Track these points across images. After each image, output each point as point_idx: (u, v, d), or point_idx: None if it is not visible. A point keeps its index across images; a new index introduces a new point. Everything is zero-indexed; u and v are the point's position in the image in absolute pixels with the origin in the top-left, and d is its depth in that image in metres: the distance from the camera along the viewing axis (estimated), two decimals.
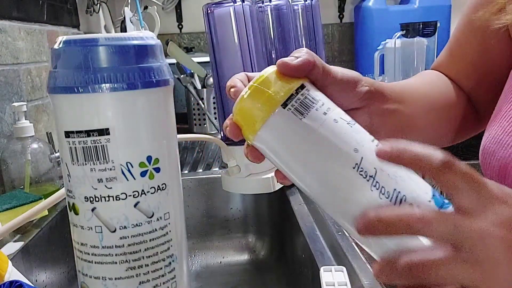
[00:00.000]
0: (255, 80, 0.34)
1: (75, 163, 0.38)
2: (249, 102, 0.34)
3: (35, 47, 1.09)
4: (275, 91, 0.33)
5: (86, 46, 0.36)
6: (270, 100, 0.33)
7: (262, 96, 0.33)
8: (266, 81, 0.34)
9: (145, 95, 0.38)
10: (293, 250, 0.83)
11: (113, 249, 0.38)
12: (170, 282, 0.41)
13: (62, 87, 0.37)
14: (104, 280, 0.39)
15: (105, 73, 0.36)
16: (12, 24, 0.99)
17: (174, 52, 1.29)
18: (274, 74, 0.34)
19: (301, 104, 0.33)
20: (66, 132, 0.38)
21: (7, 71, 0.94)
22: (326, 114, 0.33)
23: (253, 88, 0.34)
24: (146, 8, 1.69)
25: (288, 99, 0.33)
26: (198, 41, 2.02)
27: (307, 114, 0.33)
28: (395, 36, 1.65)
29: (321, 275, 0.51)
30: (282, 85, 0.34)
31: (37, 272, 0.70)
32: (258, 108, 0.33)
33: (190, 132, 1.45)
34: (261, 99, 0.33)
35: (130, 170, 0.38)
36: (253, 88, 0.34)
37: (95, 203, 0.38)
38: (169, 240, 0.40)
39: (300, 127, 0.32)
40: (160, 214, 0.40)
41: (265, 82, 0.34)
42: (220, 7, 0.77)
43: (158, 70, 0.39)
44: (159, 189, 0.39)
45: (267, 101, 0.33)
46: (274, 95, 0.33)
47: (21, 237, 0.69)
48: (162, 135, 0.40)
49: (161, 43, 0.41)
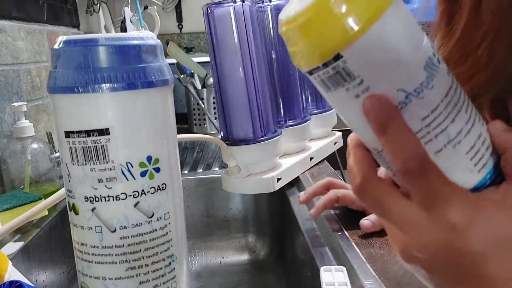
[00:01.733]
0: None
1: (75, 163, 0.38)
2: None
3: (35, 47, 1.09)
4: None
5: (86, 46, 0.36)
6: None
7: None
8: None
9: (145, 95, 0.38)
10: (293, 250, 0.83)
11: (113, 249, 0.38)
12: (170, 282, 0.41)
13: (62, 87, 0.37)
14: (104, 280, 0.39)
15: (105, 73, 0.36)
16: (12, 24, 0.99)
17: (174, 52, 1.29)
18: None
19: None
20: (66, 132, 0.38)
21: (7, 71, 0.94)
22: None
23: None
24: (146, 8, 1.69)
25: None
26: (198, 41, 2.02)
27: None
28: None
29: (321, 275, 0.51)
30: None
31: (37, 272, 0.70)
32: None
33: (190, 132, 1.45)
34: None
35: (130, 170, 0.38)
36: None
37: (95, 203, 0.38)
38: (169, 240, 0.40)
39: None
40: (160, 214, 0.40)
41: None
42: (220, 7, 0.77)
43: (158, 70, 0.39)
44: (159, 189, 0.39)
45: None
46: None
47: (21, 237, 0.69)
48: (162, 135, 0.40)
49: (161, 43, 0.41)
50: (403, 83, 0.26)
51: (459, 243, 0.27)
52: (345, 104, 0.28)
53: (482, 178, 0.29)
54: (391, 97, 0.26)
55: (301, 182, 0.87)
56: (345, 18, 0.24)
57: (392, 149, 0.27)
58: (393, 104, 0.26)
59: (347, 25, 0.24)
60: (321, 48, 0.26)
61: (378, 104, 0.26)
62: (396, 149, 0.27)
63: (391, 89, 0.26)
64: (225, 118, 0.80)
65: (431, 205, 0.27)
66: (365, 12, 0.24)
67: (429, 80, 0.26)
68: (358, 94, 0.26)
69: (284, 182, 0.84)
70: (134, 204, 0.38)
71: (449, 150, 0.28)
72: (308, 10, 0.26)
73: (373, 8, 0.24)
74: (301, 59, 0.27)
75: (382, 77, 0.26)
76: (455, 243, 0.27)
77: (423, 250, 0.28)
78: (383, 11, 0.25)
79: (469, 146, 0.28)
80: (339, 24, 0.25)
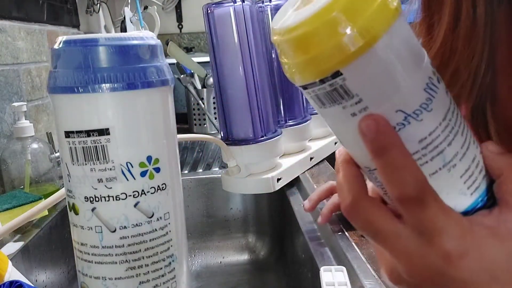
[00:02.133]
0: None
1: (75, 163, 0.38)
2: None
3: (35, 47, 1.09)
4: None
5: (86, 46, 0.36)
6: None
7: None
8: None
9: (145, 95, 0.38)
10: (293, 250, 0.83)
11: (113, 249, 0.38)
12: (170, 282, 0.41)
13: (62, 87, 0.37)
14: (104, 280, 0.39)
15: (105, 73, 0.36)
16: (12, 24, 0.99)
17: (174, 52, 1.29)
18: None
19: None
20: (66, 132, 0.38)
21: (7, 71, 0.94)
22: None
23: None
24: (146, 8, 1.69)
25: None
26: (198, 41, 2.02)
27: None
28: None
29: (321, 275, 0.51)
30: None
31: (37, 272, 0.70)
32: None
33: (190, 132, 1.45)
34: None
35: (130, 170, 0.38)
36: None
37: (95, 203, 0.38)
38: (169, 240, 0.40)
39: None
40: (160, 214, 0.40)
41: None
42: (220, 7, 0.77)
43: (158, 70, 0.39)
44: (159, 189, 0.39)
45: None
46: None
47: (21, 237, 0.69)
48: (162, 135, 0.40)
49: (161, 43, 0.41)
50: (402, 104, 0.25)
51: (452, 272, 0.26)
52: (339, 121, 0.27)
53: (474, 201, 0.28)
54: (389, 118, 0.25)
55: (301, 182, 0.87)
56: (346, 35, 0.23)
57: (389, 174, 0.26)
58: (392, 127, 0.25)
59: (349, 43, 0.23)
60: (319, 65, 0.24)
61: (375, 126, 0.25)
62: (394, 175, 0.26)
63: (389, 110, 0.25)
64: (225, 118, 0.80)
65: (426, 232, 0.27)
66: (368, 29, 0.23)
67: (428, 102, 0.25)
68: (354, 113, 0.25)
69: (284, 182, 0.84)
70: (134, 204, 0.38)
71: (444, 173, 0.27)
72: (306, 23, 0.24)
73: (377, 25, 0.23)
74: (296, 73, 0.25)
75: (382, 97, 0.25)
76: (448, 271, 0.26)
77: (414, 275, 0.28)
78: (386, 28, 0.23)
79: (464, 170, 0.27)
80: (340, 41, 0.23)
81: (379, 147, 0.25)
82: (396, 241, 0.27)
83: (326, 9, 0.23)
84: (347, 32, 0.23)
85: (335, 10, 0.23)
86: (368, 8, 0.23)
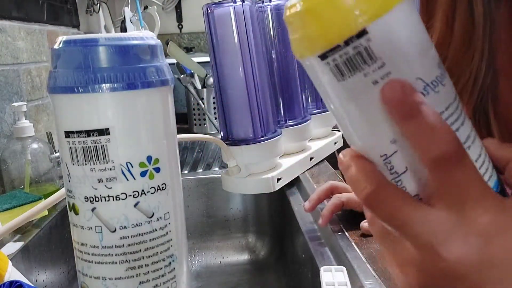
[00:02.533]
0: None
1: (75, 163, 0.38)
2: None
3: (35, 47, 1.09)
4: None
5: (86, 46, 0.36)
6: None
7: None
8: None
9: (145, 95, 0.38)
10: (293, 250, 0.83)
11: (113, 249, 0.38)
12: (170, 282, 0.41)
13: (62, 87, 0.37)
14: (104, 280, 0.39)
15: (105, 73, 0.36)
16: (12, 24, 0.99)
17: (174, 52, 1.29)
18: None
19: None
20: (66, 132, 0.38)
21: (7, 71, 0.94)
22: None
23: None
24: (146, 8, 1.69)
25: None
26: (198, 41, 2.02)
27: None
28: None
29: (321, 275, 0.51)
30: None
31: (37, 272, 0.69)
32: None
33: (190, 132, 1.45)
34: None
35: (130, 170, 0.38)
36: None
37: (95, 203, 0.38)
38: (169, 240, 0.40)
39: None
40: (160, 214, 0.40)
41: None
42: (220, 7, 0.77)
43: (158, 70, 0.39)
44: (159, 189, 0.39)
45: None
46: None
47: (21, 237, 0.69)
48: (162, 135, 0.40)
49: (161, 43, 0.41)
50: (422, 72, 0.25)
51: (490, 252, 0.24)
52: (358, 94, 0.25)
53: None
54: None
55: (301, 182, 0.87)
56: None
57: (423, 136, 0.24)
58: (416, 89, 0.24)
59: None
60: (345, 22, 0.23)
61: (402, 88, 0.24)
62: (428, 135, 0.24)
63: (411, 77, 0.24)
64: (225, 118, 0.80)
65: (463, 206, 0.25)
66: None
67: (442, 77, 0.25)
68: (376, 80, 0.24)
69: (284, 182, 0.84)
70: (134, 204, 0.38)
71: None
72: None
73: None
74: (316, 39, 0.24)
75: (404, 61, 0.24)
76: (487, 251, 0.24)
77: (459, 265, 0.24)
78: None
79: (477, 154, 0.27)
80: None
81: (409, 107, 0.24)
82: (429, 226, 0.25)
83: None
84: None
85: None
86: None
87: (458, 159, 0.24)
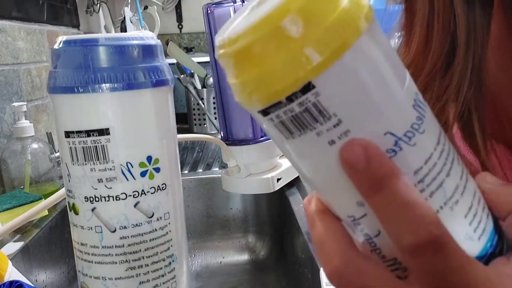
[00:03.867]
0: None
1: (75, 163, 0.38)
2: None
3: (35, 47, 1.09)
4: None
5: (86, 46, 0.36)
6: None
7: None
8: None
9: (145, 95, 0.38)
10: (293, 250, 0.83)
11: (113, 249, 0.38)
12: (170, 282, 0.41)
13: (62, 87, 0.37)
14: (104, 280, 0.39)
15: (105, 73, 0.36)
16: (12, 24, 0.99)
17: (174, 52, 1.29)
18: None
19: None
20: (66, 132, 0.38)
21: (7, 71, 0.94)
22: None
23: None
24: (146, 8, 1.69)
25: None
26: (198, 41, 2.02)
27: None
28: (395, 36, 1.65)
29: (321, 275, 0.51)
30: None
31: (37, 272, 0.70)
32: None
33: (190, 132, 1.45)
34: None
35: (130, 170, 0.38)
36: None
37: (95, 203, 0.38)
38: (169, 240, 0.40)
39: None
40: (160, 214, 0.40)
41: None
42: (220, 7, 0.77)
43: (158, 70, 0.39)
44: (159, 189, 0.39)
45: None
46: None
47: (21, 237, 0.69)
48: (162, 135, 0.40)
49: (161, 43, 0.41)
50: (391, 124, 0.20)
51: None
52: (312, 155, 0.20)
53: (482, 247, 0.22)
54: (377, 144, 0.20)
55: (301, 182, 0.87)
56: (324, 33, 0.18)
57: (392, 216, 0.20)
58: (384, 152, 0.20)
59: (324, 45, 0.18)
60: (285, 74, 0.18)
61: (364, 153, 0.19)
62: (399, 215, 0.19)
63: (376, 133, 0.20)
64: (225, 118, 0.80)
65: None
66: (344, 27, 0.19)
67: (419, 122, 0.21)
68: (333, 140, 0.19)
69: (284, 182, 0.84)
70: (134, 204, 0.38)
71: (446, 213, 0.21)
72: (261, 24, 0.18)
73: (353, 23, 0.19)
74: (253, 93, 0.19)
75: (366, 116, 0.19)
76: None
77: None
78: (363, 29, 0.19)
79: (467, 207, 0.22)
80: (312, 41, 0.18)
81: (374, 179, 0.19)
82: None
83: (285, 5, 0.18)
84: (322, 31, 0.18)
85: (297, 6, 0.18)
86: (334, 10, 0.19)
87: (438, 247, 0.19)
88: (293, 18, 0.18)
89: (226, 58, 0.20)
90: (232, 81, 0.20)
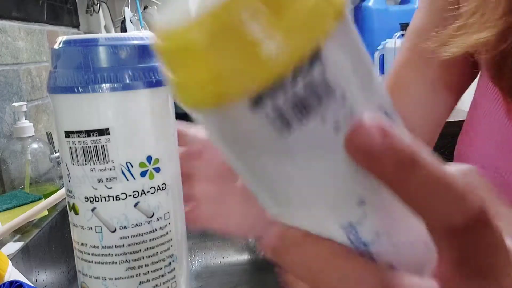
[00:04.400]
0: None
1: (75, 163, 0.38)
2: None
3: (35, 47, 1.09)
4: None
5: (86, 46, 0.36)
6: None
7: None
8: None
9: (145, 95, 0.38)
10: None
11: (113, 249, 0.38)
12: (170, 282, 0.41)
13: (62, 87, 0.37)
14: (104, 280, 0.39)
15: (105, 73, 0.36)
16: (12, 24, 0.99)
17: None
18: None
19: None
20: (66, 132, 0.38)
21: (7, 71, 0.94)
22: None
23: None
24: (146, 8, 1.69)
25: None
26: None
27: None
28: (395, 36, 1.65)
29: None
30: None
31: (37, 272, 0.70)
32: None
33: None
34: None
35: (130, 170, 0.38)
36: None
37: (95, 203, 0.38)
38: (169, 240, 0.40)
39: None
40: (160, 214, 0.40)
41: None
42: None
43: (158, 70, 0.39)
44: (159, 189, 0.39)
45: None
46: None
47: (21, 237, 0.69)
48: (162, 135, 0.40)
49: None
50: (382, 101, 0.18)
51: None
52: (314, 154, 0.16)
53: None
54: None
55: None
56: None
57: (435, 195, 0.17)
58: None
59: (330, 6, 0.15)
60: (297, 38, 0.14)
61: (381, 131, 0.16)
62: (444, 193, 0.17)
63: (374, 108, 0.17)
64: None
65: (493, 275, 0.18)
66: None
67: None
68: (338, 125, 0.16)
69: None
70: (134, 204, 0.38)
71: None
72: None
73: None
74: (244, 74, 0.15)
75: (364, 87, 0.17)
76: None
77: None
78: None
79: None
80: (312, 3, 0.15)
81: (403, 159, 0.16)
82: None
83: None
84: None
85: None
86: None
87: (488, 223, 0.17)
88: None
89: (220, 30, 0.15)
90: (193, 74, 0.16)
